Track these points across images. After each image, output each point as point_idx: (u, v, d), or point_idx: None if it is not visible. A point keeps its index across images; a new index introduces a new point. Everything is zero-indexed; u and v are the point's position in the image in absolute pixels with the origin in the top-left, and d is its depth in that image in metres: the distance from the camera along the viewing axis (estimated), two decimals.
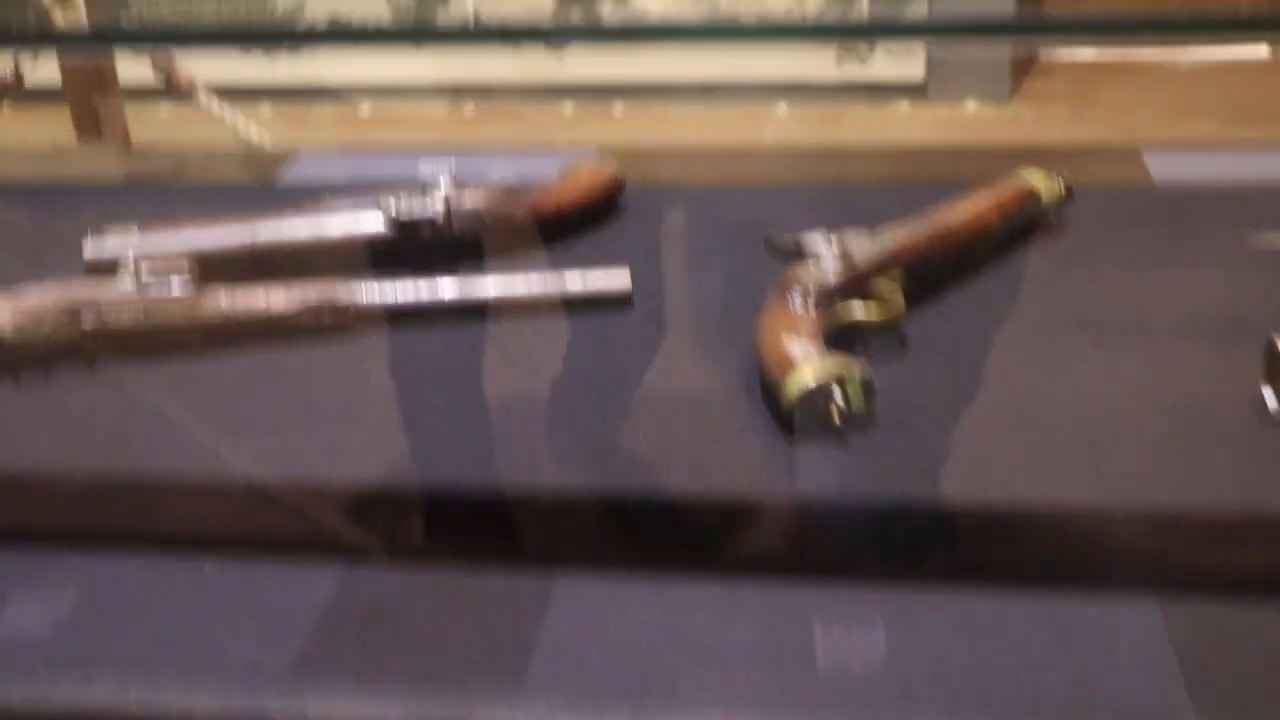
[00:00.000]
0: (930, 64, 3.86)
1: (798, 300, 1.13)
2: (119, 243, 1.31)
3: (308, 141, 2.80)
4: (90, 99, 2.31)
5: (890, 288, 1.18)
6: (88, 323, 1.20)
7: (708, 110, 3.95)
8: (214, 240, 1.31)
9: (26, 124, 2.51)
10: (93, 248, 1.32)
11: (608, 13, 4.01)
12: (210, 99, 2.34)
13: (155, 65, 2.32)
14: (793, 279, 1.15)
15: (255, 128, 2.36)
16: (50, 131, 2.39)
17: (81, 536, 1.01)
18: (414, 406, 1.16)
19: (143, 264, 1.21)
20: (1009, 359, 1.16)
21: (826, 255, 1.17)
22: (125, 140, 2.33)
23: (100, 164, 1.93)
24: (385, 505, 1.05)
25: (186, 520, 1.03)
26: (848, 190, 1.55)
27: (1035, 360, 1.15)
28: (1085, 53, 4.07)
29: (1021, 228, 1.33)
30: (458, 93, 4.14)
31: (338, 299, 1.22)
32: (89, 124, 2.32)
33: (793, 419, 1.04)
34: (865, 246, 1.19)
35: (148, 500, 1.07)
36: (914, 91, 3.93)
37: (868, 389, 1.04)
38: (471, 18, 4.03)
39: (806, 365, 1.04)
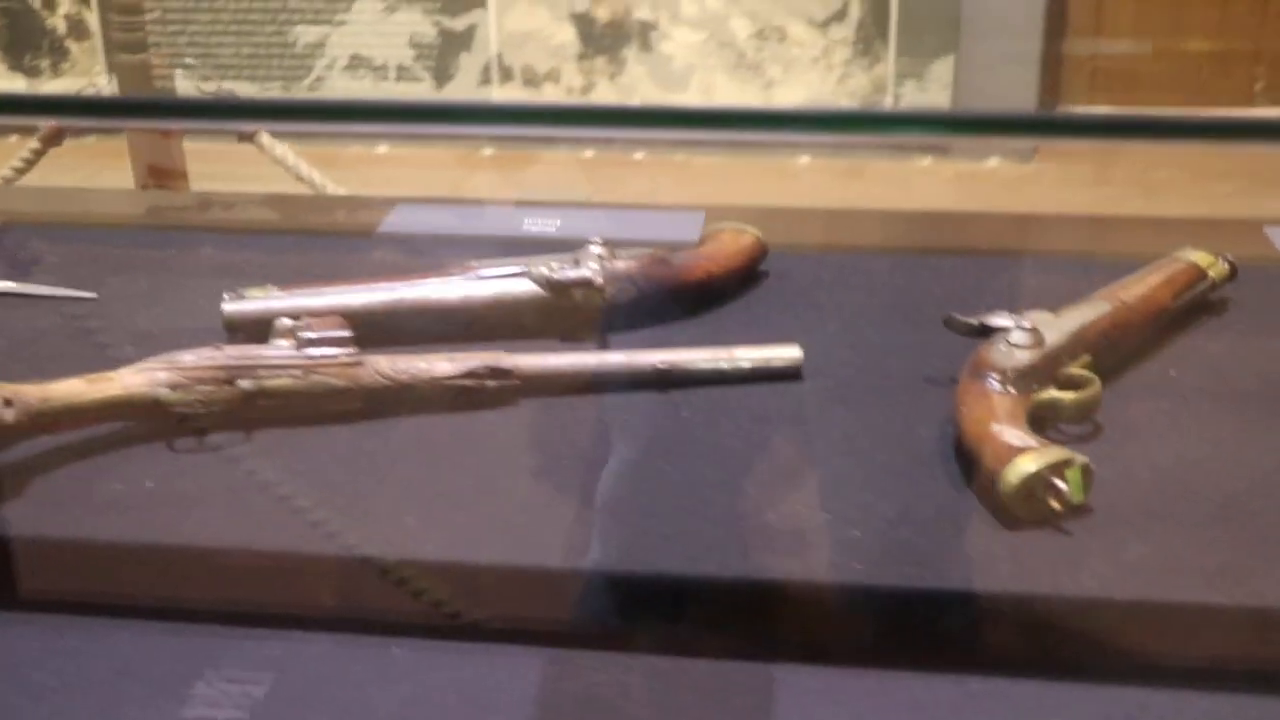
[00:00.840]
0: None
1: (996, 383, 1.09)
2: (259, 304, 1.26)
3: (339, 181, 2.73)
4: (152, 142, 2.25)
5: (1083, 371, 1.14)
6: (246, 386, 1.14)
7: (730, 160, 3.92)
8: (358, 300, 1.26)
9: (82, 162, 2.46)
10: (232, 306, 1.26)
11: (631, 58, 3.97)
12: (273, 142, 2.29)
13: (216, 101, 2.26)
14: (988, 362, 1.11)
15: (316, 173, 2.30)
16: (109, 170, 2.34)
17: (263, 614, 0.96)
18: (590, 482, 1.11)
19: (301, 327, 1.15)
20: (1201, 441, 1.12)
21: (1019, 338, 1.13)
22: (184, 183, 2.27)
23: (182, 208, 1.87)
24: (574, 588, 1.00)
25: (366, 597, 0.98)
26: (972, 257, 1.52)
27: (1227, 442, 1.11)
28: (1105, 110, 4.07)
29: (1189, 306, 1.29)
30: (477, 137, 4.10)
31: (502, 366, 1.17)
32: (149, 166, 2.26)
33: (1009, 506, 1.00)
34: (1055, 328, 1.15)
35: (324, 577, 1.01)
36: (937, 147, 3.91)
37: (1087, 476, 0.99)
38: (494, 60, 4.00)
39: (1029, 453, 1.00)
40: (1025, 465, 0.99)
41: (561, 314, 1.28)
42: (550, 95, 4.06)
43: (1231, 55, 4.08)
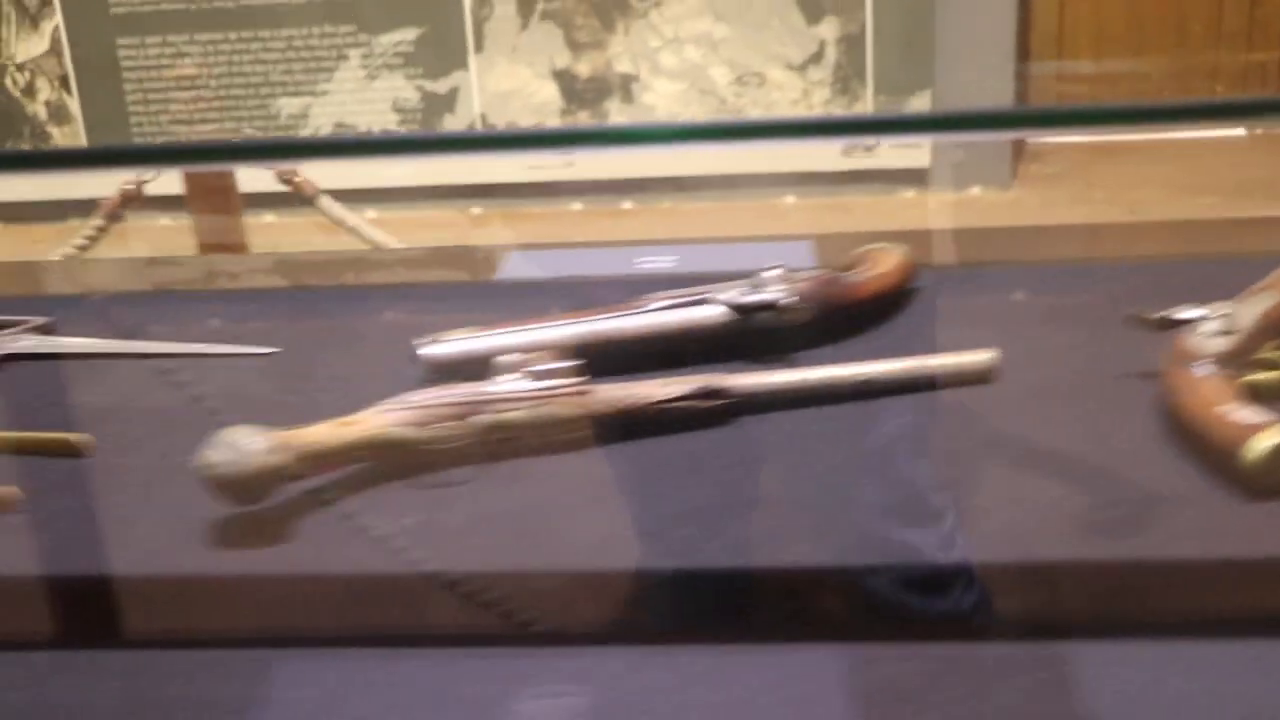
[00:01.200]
0: (935, 152, 3.93)
1: (1207, 369, 1.15)
2: (457, 346, 1.30)
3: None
4: (212, 209, 2.28)
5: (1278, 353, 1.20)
6: (483, 420, 1.17)
7: (718, 204, 3.99)
8: (552, 336, 1.30)
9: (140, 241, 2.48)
10: (430, 350, 1.30)
11: (615, 110, 4.03)
12: (331, 203, 2.32)
13: (279, 174, 2.30)
14: (1193, 351, 1.17)
15: (378, 231, 2.34)
16: (168, 241, 2.36)
17: (556, 632, 0.99)
18: (834, 486, 1.16)
19: (528, 361, 1.19)
20: None
21: (1215, 325, 1.19)
22: (244, 248, 2.30)
23: (298, 267, 1.90)
24: (859, 583, 1.04)
25: (649, 606, 1.02)
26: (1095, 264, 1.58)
27: None
28: (1077, 135, 4.19)
29: None
30: (462, 194, 4.14)
31: (719, 386, 1.21)
32: (210, 233, 2.28)
33: (1255, 479, 1.05)
34: (1241, 316, 1.21)
35: (602, 590, 1.05)
36: (917, 179, 4.00)
37: None
38: (478, 120, 4.05)
39: (1270, 428, 1.05)
40: (1270, 439, 1.05)
41: (747, 337, 1.33)
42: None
43: (1189, 72, 4.21)
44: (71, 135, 4.16)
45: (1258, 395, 1.16)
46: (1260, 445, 1.06)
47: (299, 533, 1.11)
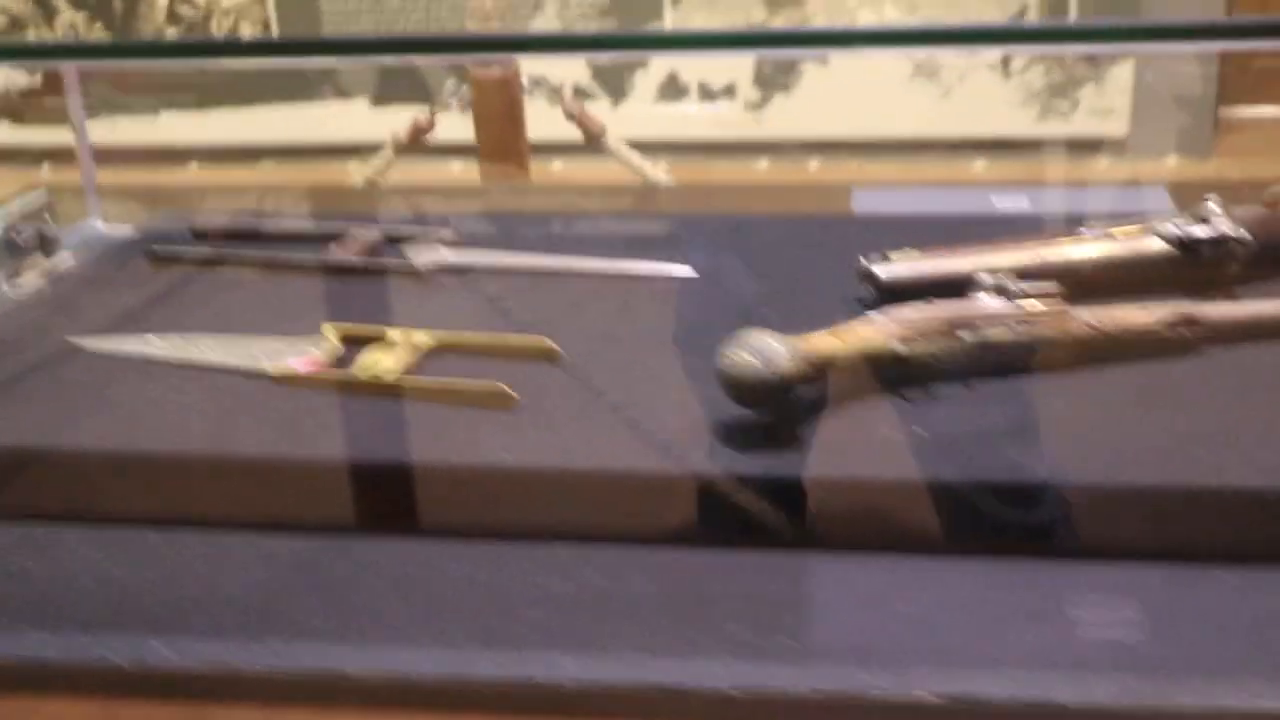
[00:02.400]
0: (1135, 119, 3.91)
1: None
2: (915, 265, 1.32)
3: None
4: (500, 136, 2.31)
5: None
6: (967, 338, 1.19)
7: (902, 165, 3.98)
8: (1003, 261, 1.31)
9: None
10: (885, 268, 1.32)
11: (808, 69, 4.04)
12: (618, 143, 2.35)
13: (567, 114, 2.33)
14: None
15: (659, 170, 2.36)
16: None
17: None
18: None
19: (1008, 281, 1.21)
20: None
21: None
22: (527, 175, 2.33)
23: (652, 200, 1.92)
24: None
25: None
26: None
27: None
28: (1271, 110, 4.16)
29: None
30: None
31: (1195, 315, 1.23)
32: (497, 165, 2.31)
33: None
34: None
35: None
36: (1115, 147, 3.98)
37: None
38: (668, 80, 4.06)
39: None
40: None
41: (1189, 270, 1.33)
42: (726, 110, 4.12)
43: None
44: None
45: None
46: None
47: (808, 438, 1.13)
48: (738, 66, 4.07)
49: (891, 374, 1.19)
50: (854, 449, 1.13)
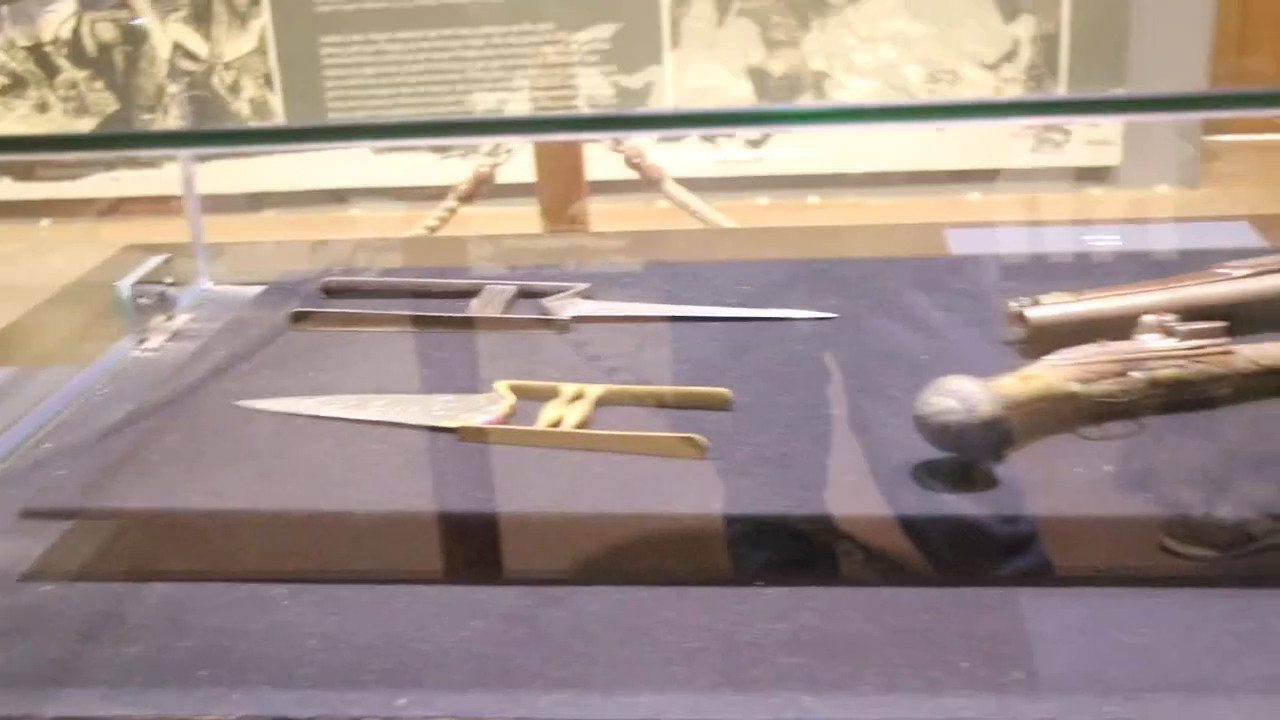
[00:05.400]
0: (1126, 150, 3.99)
1: None
2: (1065, 308, 1.36)
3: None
4: (561, 191, 2.33)
5: None
6: (1139, 376, 1.23)
7: (900, 199, 4.04)
8: (1147, 301, 1.35)
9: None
10: (1036, 311, 1.36)
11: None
12: (676, 187, 2.38)
13: (628, 159, 2.35)
14: None
15: (718, 213, 2.40)
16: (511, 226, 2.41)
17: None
18: None
19: (1174, 321, 1.25)
20: None
21: None
22: (587, 226, 2.36)
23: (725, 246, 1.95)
24: None
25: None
26: None
27: None
28: (1250, 137, 4.25)
29: None
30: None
31: None
32: (557, 214, 2.34)
33: None
34: None
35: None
36: (1106, 176, 4.06)
37: None
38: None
39: None
40: None
41: None
42: (726, 148, 4.17)
43: None
44: None
45: None
46: None
47: (1003, 477, 1.16)
48: (739, 104, 4.12)
49: (1069, 414, 1.22)
50: (1047, 486, 1.15)
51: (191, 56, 4.17)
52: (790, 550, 1.11)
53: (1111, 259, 1.61)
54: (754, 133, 4.09)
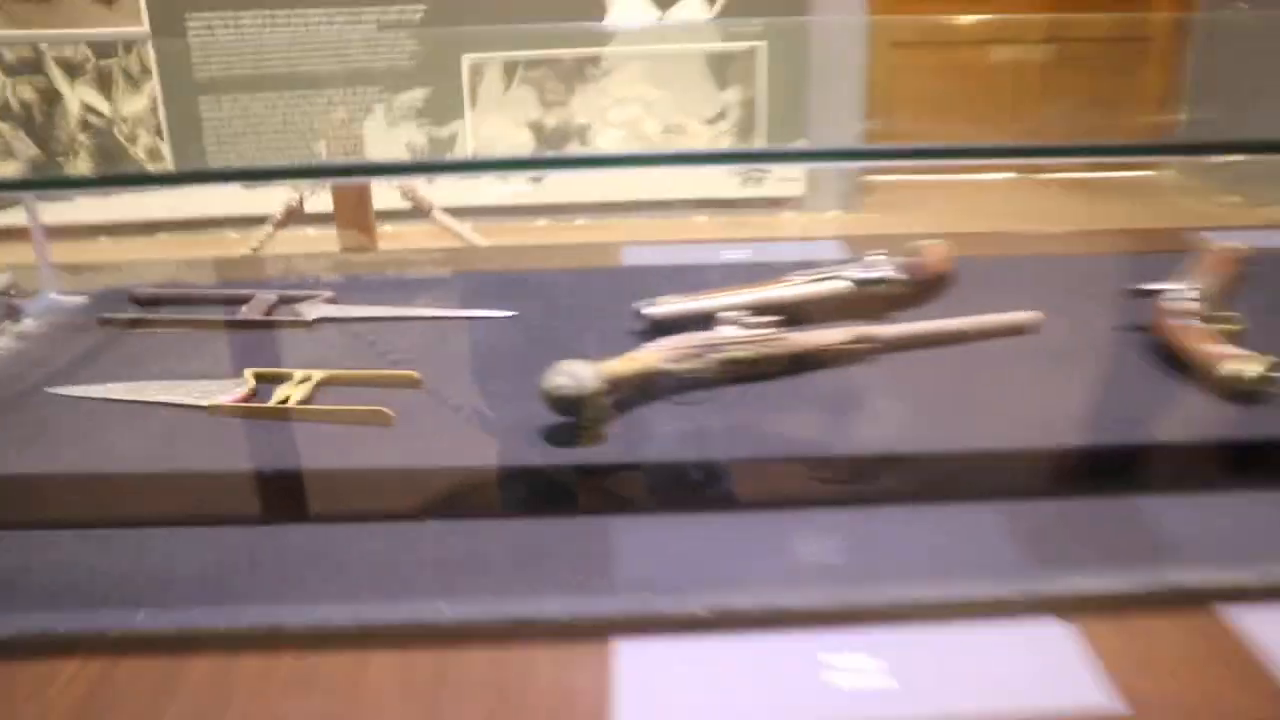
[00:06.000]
0: (808, 184, 4.07)
1: (1192, 320, 1.29)
2: (673, 307, 1.38)
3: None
4: (354, 218, 2.31)
5: (1230, 313, 1.34)
6: (714, 358, 1.26)
7: (649, 220, 4.07)
8: (739, 300, 1.38)
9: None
10: (652, 310, 1.38)
11: (573, 150, 4.10)
12: (442, 214, 2.37)
13: (403, 193, 2.34)
14: (1180, 310, 1.30)
15: (476, 235, 2.39)
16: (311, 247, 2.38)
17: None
18: (941, 402, 1.26)
19: (742, 316, 1.28)
20: None
21: (1193, 293, 1.32)
22: (375, 248, 2.34)
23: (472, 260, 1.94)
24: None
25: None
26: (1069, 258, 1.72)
27: None
28: (906, 175, 4.36)
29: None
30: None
31: (872, 334, 1.32)
32: (353, 236, 2.32)
33: (1245, 391, 1.19)
34: (1207, 284, 1.35)
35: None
36: (794, 204, 4.14)
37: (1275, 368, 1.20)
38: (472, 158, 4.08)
39: (1251, 358, 1.20)
40: (1257, 366, 1.19)
41: (863, 303, 1.42)
42: (513, 182, 4.16)
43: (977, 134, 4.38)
44: None
45: (1227, 337, 1.30)
46: (1251, 369, 1.19)
47: (609, 435, 1.19)
48: (523, 148, 4.11)
49: (663, 386, 1.25)
50: (641, 440, 1.17)
51: (97, 113, 4.02)
52: (450, 494, 1.12)
53: (734, 269, 1.63)
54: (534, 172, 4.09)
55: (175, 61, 4.14)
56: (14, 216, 1.69)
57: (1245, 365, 1.19)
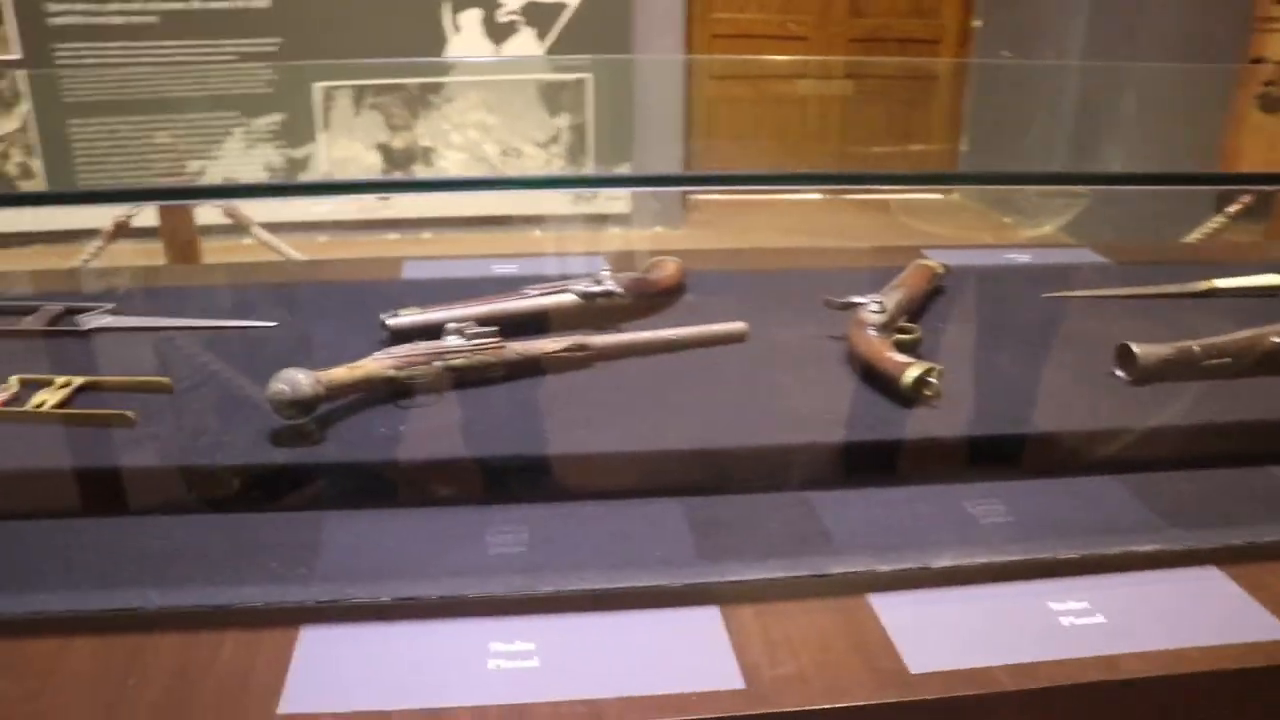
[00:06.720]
0: (634, 202, 4.09)
1: (874, 332, 1.32)
2: (413, 318, 1.37)
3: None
4: (177, 232, 2.25)
5: (910, 325, 1.38)
6: (440, 365, 1.26)
7: (490, 234, 4.05)
8: (475, 312, 1.38)
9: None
10: (394, 320, 1.37)
11: (419, 172, 4.04)
12: (260, 230, 2.32)
13: (225, 210, 2.28)
14: (867, 321, 1.34)
15: (292, 249, 2.34)
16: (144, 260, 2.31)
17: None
18: (655, 401, 1.28)
19: (465, 327, 1.28)
20: (962, 354, 1.38)
21: (877, 307, 1.36)
22: (199, 260, 2.28)
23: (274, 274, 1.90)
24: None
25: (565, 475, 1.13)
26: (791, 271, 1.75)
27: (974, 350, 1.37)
28: (721, 195, 4.41)
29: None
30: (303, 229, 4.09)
31: (586, 342, 1.32)
32: (176, 251, 2.26)
33: (906, 394, 1.22)
34: (893, 300, 1.39)
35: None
36: (621, 220, 4.15)
37: (940, 377, 1.23)
38: (326, 178, 4.00)
39: (913, 365, 1.23)
40: (914, 371, 1.22)
41: (590, 314, 1.43)
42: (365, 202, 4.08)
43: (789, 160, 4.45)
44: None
45: (902, 347, 1.33)
46: (909, 375, 1.23)
47: (331, 436, 1.17)
48: (372, 169, 4.04)
49: (390, 391, 1.23)
50: (360, 441, 1.16)
51: None
52: (178, 488, 1.10)
53: (502, 281, 1.61)
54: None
55: (46, 86, 3.99)
56: None
57: (905, 371, 1.22)
